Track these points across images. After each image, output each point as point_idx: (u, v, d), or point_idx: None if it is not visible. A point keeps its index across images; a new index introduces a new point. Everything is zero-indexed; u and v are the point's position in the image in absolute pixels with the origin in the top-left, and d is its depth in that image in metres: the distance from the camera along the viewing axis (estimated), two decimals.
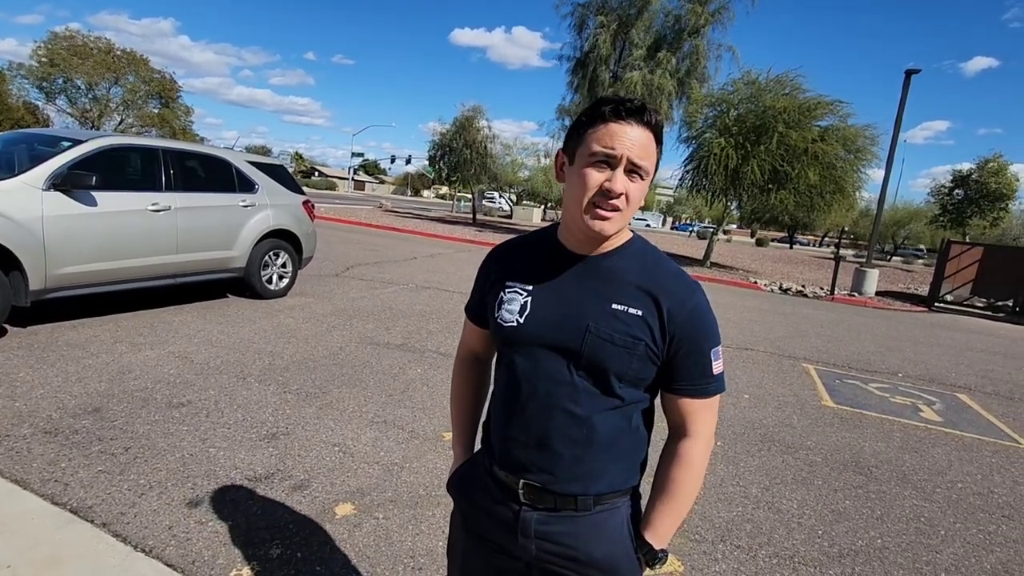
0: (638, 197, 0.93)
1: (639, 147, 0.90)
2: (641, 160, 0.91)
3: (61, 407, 3.04)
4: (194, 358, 4.04)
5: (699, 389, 0.99)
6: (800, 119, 14.26)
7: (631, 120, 0.90)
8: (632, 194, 0.92)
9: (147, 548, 2.02)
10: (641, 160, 0.91)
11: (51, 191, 4.16)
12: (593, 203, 0.93)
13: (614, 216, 0.93)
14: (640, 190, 0.93)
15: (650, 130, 0.92)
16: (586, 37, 19.93)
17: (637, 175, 0.92)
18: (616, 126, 0.90)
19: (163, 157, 5.07)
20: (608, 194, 0.91)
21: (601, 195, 0.92)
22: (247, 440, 2.91)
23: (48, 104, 40.56)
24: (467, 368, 1.26)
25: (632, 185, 0.92)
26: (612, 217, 0.93)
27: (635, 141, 0.90)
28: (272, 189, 6.17)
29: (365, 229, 17.18)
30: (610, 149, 0.90)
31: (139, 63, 41.65)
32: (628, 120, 0.90)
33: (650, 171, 0.93)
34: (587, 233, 0.96)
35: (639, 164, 0.91)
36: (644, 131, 0.91)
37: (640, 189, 0.93)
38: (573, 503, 1.01)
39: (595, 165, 0.92)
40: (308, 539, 2.18)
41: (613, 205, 0.92)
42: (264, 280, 6.09)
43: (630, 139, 0.90)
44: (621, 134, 0.90)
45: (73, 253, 4.27)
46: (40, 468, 2.45)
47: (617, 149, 0.90)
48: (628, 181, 0.92)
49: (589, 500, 1.01)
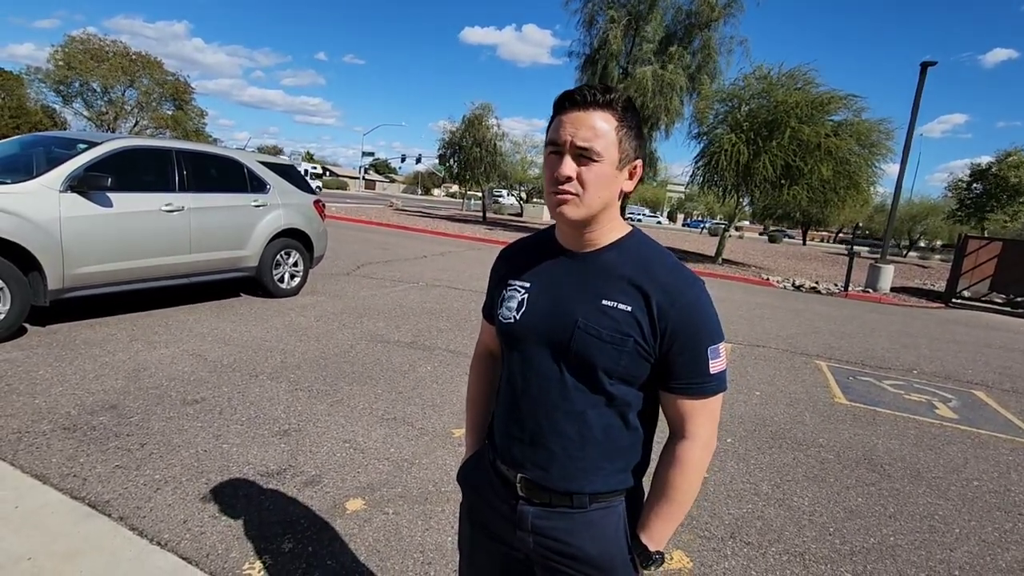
0: (595, 179, 0.93)
1: (583, 130, 0.91)
2: (586, 142, 0.90)
3: (79, 404, 3.10)
4: (208, 356, 4.10)
5: (695, 388, 0.97)
6: (813, 114, 14.08)
7: (576, 108, 0.92)
8: (585, 177, 0.92)
9: (163, 541, 2.06)
10: (586, 142, 0.90)
11: (68, 192, 4.24)
12: (551, 191, 0.95)
13: (570, 199, 0.93)
14: (595, 173, 0.93)
15: (603, 110, 0.92)
16: (595, 33, 19.85)
17: (586, 158, 0.91)
18: (563, 116, 0.93)
19: (176, 158, 5.14)
20: (558, 180, 0.93)
21: (554, 183, 0.94)
22: (259, 436, 2.96)
23: (65, 107, 41.22)
24: (482, 365, 1.28)
25: (583, 169, 0.92)
26: (568, 199, 0.93)
27: (578, 125, 0.91)
28: (283, 189, 6.23)
29: (376, 228, 17.28)
30: (555, 137, 0.93)
31: (153, 66, 42.16)
32: (573, 108, 0.92)
33: (602, 151, 0.91)
34: (558, 221, 0.99)
35: (583, 147, 0.91)
36: (592, 113, 0.91)
37: (595, 172, 0.92)
38: (568, 500, 1.02)
39: (550, 157, 0.95)
40: (319, 534, 2.21)
41: (564, 190, 0.93)
42: (276, 279, 6.16)
43: (573, 125, 0.91)
44: (566, 122, 0.92)
45: (90, 253, 4.35)
46: (59, 463, 2.50)
47: (561, 136, 0.92)
48: (578, 166, 0.92)
49: (584, 498, 1.01)
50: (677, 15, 19.35)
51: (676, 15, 19.37)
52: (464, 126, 24.98)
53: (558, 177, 0.92)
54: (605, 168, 0.93)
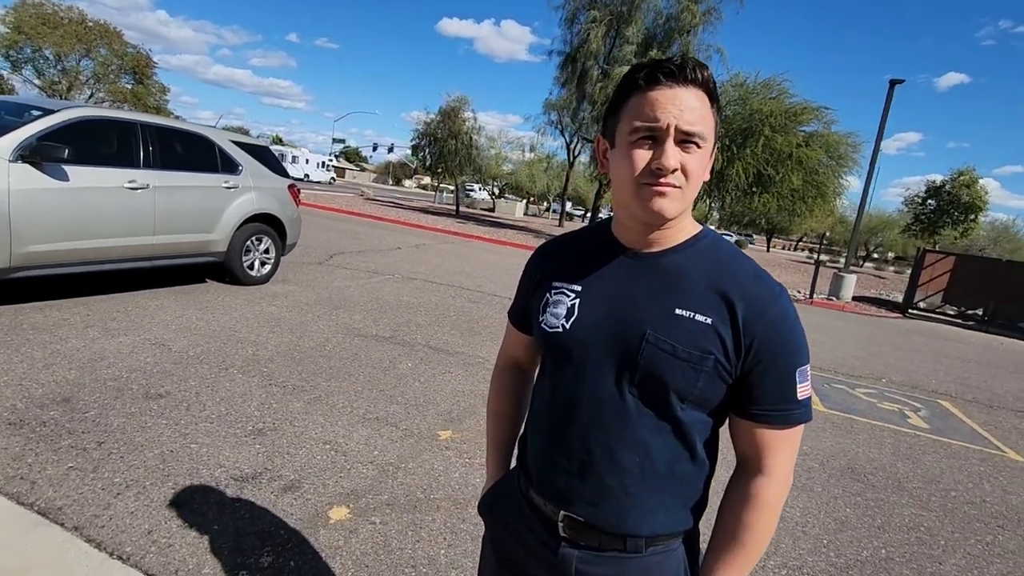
0: (698, 169, 0.80)
1: (688, 110, 0.77)
2: (693, 126, 0.77)
3: (27, 396, 2.81)
4: (172, 346, 3.82)
5: (779, 416, 0.84)
6: (786, 123, 14.40)
7: (672, 82, 0.77)
8: (690, 167, 0.79)
9: (124, 555, 1.85)
10: (693, 126, 0.77)
11: (18, 163, 3.87)
12: (644, 183, 0.80)
13: (672, 192, 0.80)
14: (699, 161, 0.80)
15: (699, 88, 0.78)
16: (577, 31, 19.81)
17: (692, 144, 0.78)
18: (655, 93, 0.77)
19: (142, 132, 4.78)
20: (659, 173, 0.78)
21: (651, 175, 0.79)
22: (232, 436, 2.74)
23: (14, 74, 38.78)
24: (507, 379, 1.13)
25: (688, 156, 0.79)
26: (669, 193, 0.79)
27: (682, 104, 0.77)
28: (256, 171, 5.91)
29: (347, 217, 16.82)
30: (652, 121, 0.77)
31: (112, 36, 40.09)
32: (668, 83, 0.77)
33: (707, 136, 0.79)
34: (643, 219, 0.84)
35: (691, 131, 0.77)
36: (692, 90, 0.78)
37: (699, 160, 0.80)
38: (621, 543, 0.88)
39: (639, 143, 0.79)
40: (301, 546, 2.03)
41: (667, 183, 0.79)
42: (246, 266, 5.84)
43: (675, 104, 0.76)
44: (663, 100, 0.77)
45: (42, 230, 3.99)
46: (4, 464, 2.24)
47: (661, 119, 0.77)
48: (682, 153, 0.78)
49: (640, 541, 0.87)
50: (658, 19, 19.47)
51: (657, 19, 19.48)
52: (440, 118, 24.58)
53: (660, 168, 0.77)
54: (707, 155, 0.81)
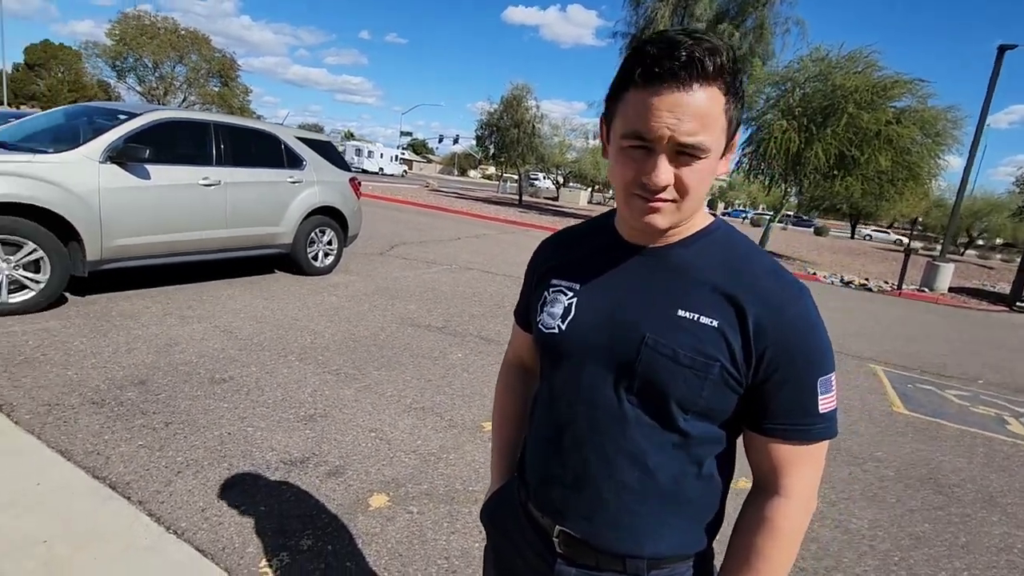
0: (698, 182, 0.70)
1: (688, 119, 0.65)
2: (692, 137, 0.66)
3: (109, 378, 3.08)
4: (239, 333, 4.06)
5: (797, 431, 0.75)
6: (873, 99, 13.21)
7: (674, 84, 0.65)
8: (687, 181, 0.69)
9: (179, 530, 1.98)
10: (692, 137, 0.66)
11: (107, 163, 4.22)
12: (635, 194, 0.71)
13: (664, 207, 0.71)
14: (700, 174, 0.69)
15: (710, 84, 0.66)
16: (643, 12, 19.12)
17: (691, 156, 0.68)
18: (652, 97, 0.66)
19: (215, 132, 5.10)
20: (647, 187, 0.69)
21: (641, 187, 0.70)
22: (285, 421, 2.87)
23: (119, 82, 42.54)
24: (512, 377, 1.08)
25: (686, 169, 0.68)
26: (662, 208, 0.71)
27: (682, 112, 0.65)
28: (319, 166, 6.15)
29: (411, 208, 17.25)
30: (644, 131, 0.67)
31: (201, 42, 43.03)
32: (669, 84, 0.65)
33: (712, 146, 0.68)
34: (636, 227, 0.77)
35: (690, 143, 0.66)
36: (698, 91, 0.65)
37: (700, 173, 0.69)
38: (620, 565, 0.81)
39: (629, 150, 0.70)
40: (340, 531, 2.09)
41: (660, 198, 0.70)
42: (310, 257, 6.11)
43: (673, 112, 0.65)
44: (660, 107, 0.65)
45: (127, 225, 4.35)
46: (84, 439, 2.46)
47: (653, 129, 0.66)
48: (678, 166, 0.68)
49: (641, 564, 0.80)
50: None
51: None
52: (502, 107, 24.65)
53: (651, 185, 0.69)
54: (711, 163, 0.70)
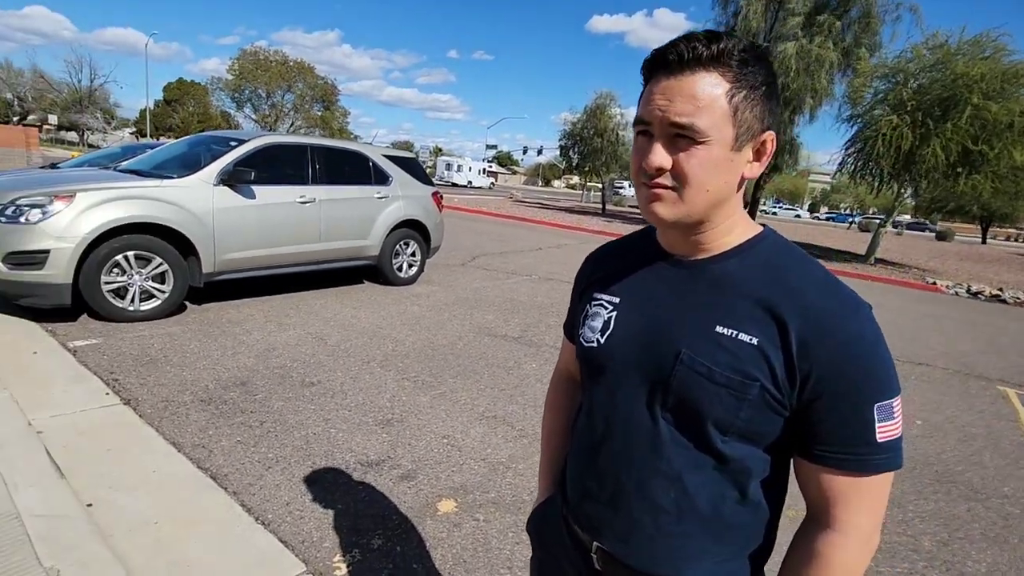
0: (699, 168, 0.68)
1: (680, 100, 0.67)
2: (682, 117, 0.66)
3: (217, 379, 3.42)
4: (328, 340, 4.35)
5: (851, 460, 0.69)
6: (1004, 87, 11.74)
7: (668, 72, 0.68)
8: (685, 166, 0.68)
9: (266, 521, 2.15)
10: (682, 117, 0.66)
11: (220, 186, 4.72)
12: (641, 183, 0.72)
13: (663, 194, 0.70)
14: (699, 161, 0.68)
15: (708, 68, 0.67)
16: (732, 11, 18.32)
17: (686, 138, 0.67)
18: (652, 84, 0.70)
19: (311, 153, 5.54)
20: (645, 172, 0.70)
21: (644, 175, 0.71)
22: (364, 424, 3.03)
23: (238, 112, 47.39)
24: (560, 390, 1.08)
25: (682, 155, 0.68)
26: (661, 195, 0.70)
27: (673, 94, 0.67)
28: (404, 181, 6.47)
29: (494, 219, 17.60)
30: (640, 115, 0.71)
31: (307, 71, 46.89)
32: (665, 72, 0.69)
33: (708, 129, 0.67)
34: (647, 220, 0.76)
35: (680, 123, 0.67)
36: (692, 76, 0.67)
37: (700, 160, 0.68)
38: None
39: (638, 138, 0.72)
40: (409, 533, 2.17)
41: (656, 183, 0.70)
42: (395, 268, 6.42)
43: (665, 95, 0.68)
44: (656, 92, 0.69)
45: (236, 241, 4.82)
46: (193, 434, 2.75)
47: (648, 114, 0.69)
48: (673, 150, 0.68)
49: None
50: None
51: None
52: (585, 117, 24.59)
53: (647, 167, 0.69)
54: (714, 151, 0.68)
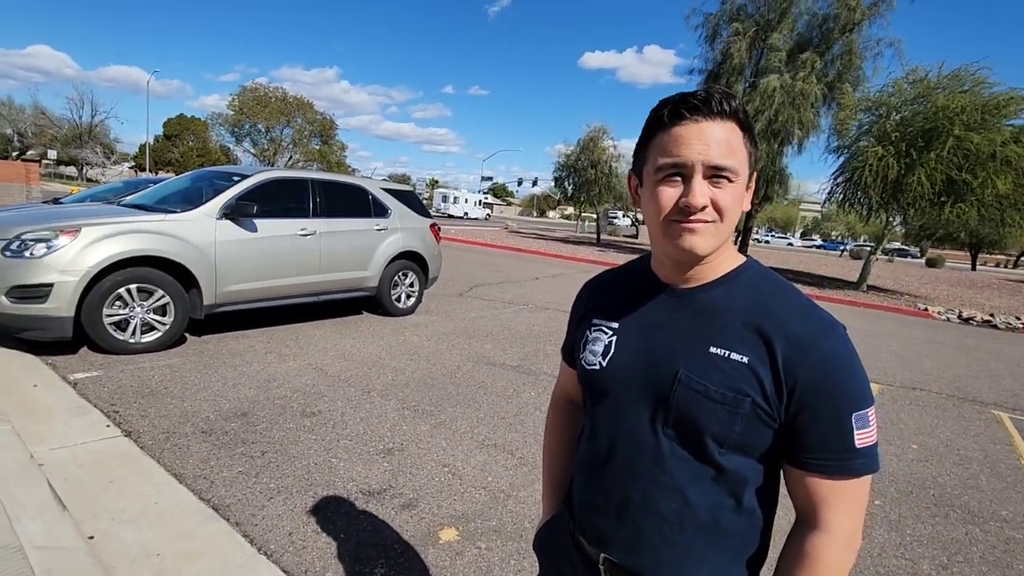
0: (732, 204, 0.77)
1: (716, 144, 0.74)
2: (723, 159, 0.74)
3: (217, 410, 3.43)
4: (328, 370, 4.37)
5: (832, 465, 0.76)
6: (985, 119, 12.13)
7: (697, 116, 0.75)
8: (722, 202, 0.76)
9: (268, 552, 2.15)
10: (723, 159, 0.74)
11: (222, 220, 4.81)
12: (674, 220, 0.78)
13: (704, 228, 0.77)
14: (732, 196, 0.76)
15: (729, 120, 0.76)
16: (719, 47, 18.97)
17: (723, 179, 0.76)
18: (680, 129, 0.76)
19: (311, 187, 5.66)
20: (687, 211, 0.76)
21: (680, 212, 0.77)
22: (365, 453, 3.04)
23: (237, 146, 48.11)
24: (560, 412, 1.14)
25: (719, 192, 0.76)
26: (701, 229, 0.77)
27: (709, 139, 0.74)
28: (403, 214, 6.59)
29: (490, 250, 17.76)
30: (678, 158, 0.75)
31: (306, 107, 47.84)
32: (694, 117, 0.75)
33: (740, 170, 0.76)
34: (676, 257, 0.82)
35: (721, 165, 0.74)
36: (720, 123, 0.75)
37: (732, 195, 0.76)
38: None
39: (666, 181, 0.77)
40: (411, 562, 2.17)
41: (699, 219, 0.76)
42: (394, 299, 6.48)
43: (701, 139, 0.74)
44: (688, 137, 0.75)
45: (237, 273, 4.88)
46: (194, 464, 2.75)
47: (684, 155, 0.75)
48: (712, 188, 0.76)
49: None
50: (812, 21, 17.86)
51: (811, 21, 17.88)
52: (579, 149, 25.13)
53: (689, 206, 0.75)
54: (740, 188, 0.77)
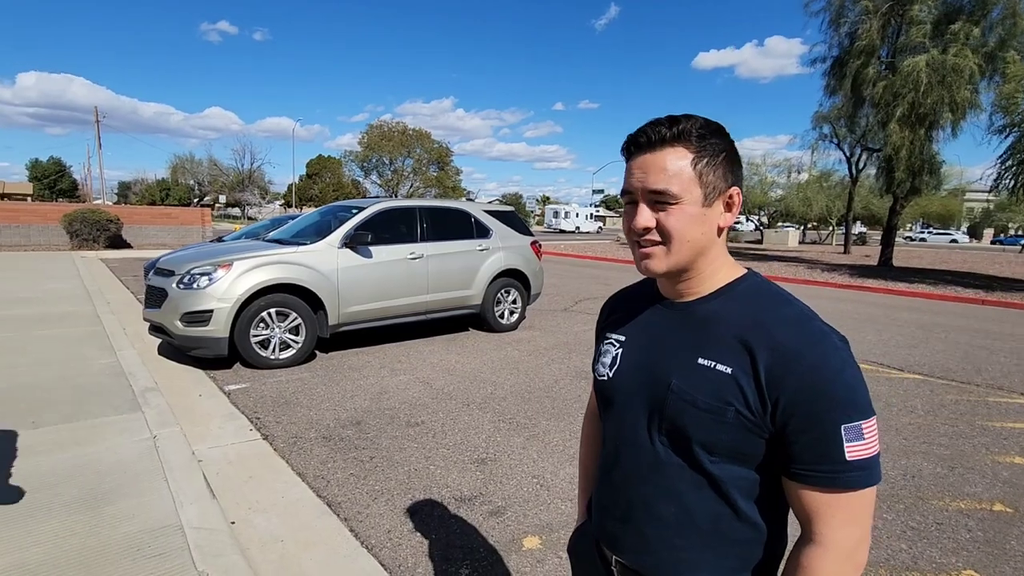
0: (679, 224, 0.82)
1: (654, 172, 0.82)
2: (658, 185, 0.81)
3: (336, 418, 3.86)
4: (433, 384, 4.70)
5: (821, 477, 0.76)
6: None
7: (642, 151, 0.84)
8: (667, 224, 0.82)
9: (369, 546, 2.40)
10: (658, 185, 0.81)
11: (343, 248, 5.41)
12: (634, 242, 0.87)
13: (653, 251, 0.85)
14: (678, 218, 0.82)
15: (673, 145, 0.82)
16: (845, 30, 17.27)
17: (664, 203, 0.82)
18: (631, 162, 0.86)
19: (419, 214, 6.15)
20: (635, 232, 0.85)
21: (634, 234, 0.86)
22: (460, 462, 3.25)
23: (366, 179, 52.86)
24: (591, 423, 1.21)
25: (663, 215, 0.83)
26: (652, 253, 0.85)
27: (647, 168, 0.83)
28: (504, 233, 6.88)
29: (599, 263, 17.66)
30: (626, 186, 0.86)
31: (424, 137, 51.32)
32: (639, 152, 0.85)
33: (680, 193, 0.81)
34: (642, 274, 0.91)
35: (657, 189, 0.82)
36: (661, 152, 0.82)
37: (676, 216, 0.82)
38: None
39: (627, 207, 0.88)
40: (495, 566, 2.30)
41: (647, 241, 0.84)
42: (497, 315, 6.76)
43: (642, 169, 0.84)
44: (634, 168, 0.85)
45: (356, 295, 5.45)
46: (315, 466, 3.14)
47: (629, 183, 0.86)
48: (656, 212, 0.83)
49: None
50: None
51: None
52: None
53: (635, 228, 0.85)
54: (688, 209, 0.82)
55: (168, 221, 19.39)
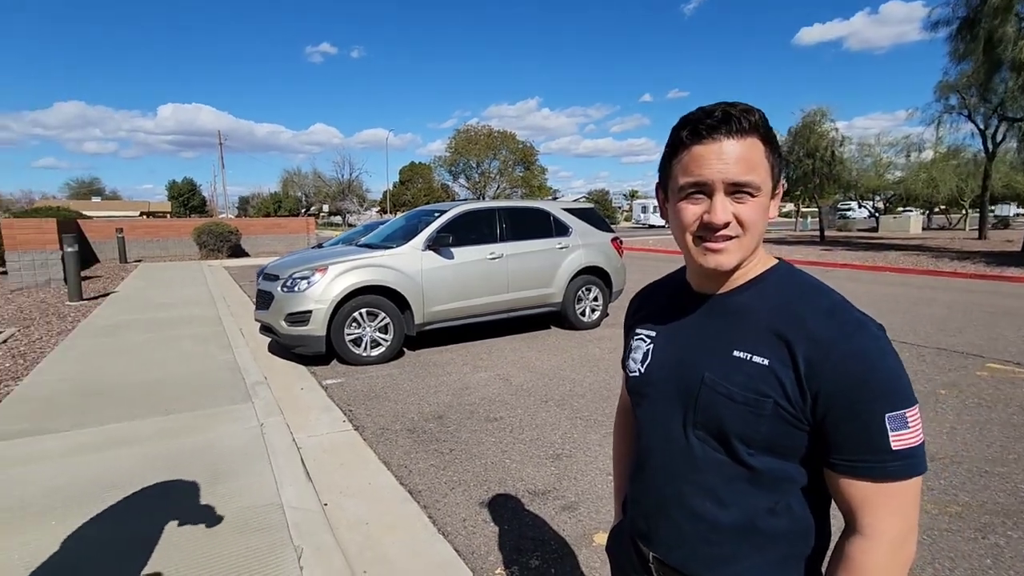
0: (755, 218, 0.78)
1: (735, 162, 0.76)
2: (743, 176, 0.76)
3: (420, 412, 4.06)
4: (513, 380, 4.79)
5: (865, 467, 0.73)
6: None
7: (716, 135, 0.77)
8: (745, 217, 0.78)
9: (445, 532, 2.52)
10: (743, 176, 0.76)
11: (427, 251, 5.67)
12: (698, 237, 0.81)
13: (727, 246, 0.79)
14: (755, 210, 0.78)
15: (749, 135, 0.77)
16: None
17: (745, 194, 0.77)
18: (700, 148, 0.78)
19: (497, 215, 6.29)
20: (711, 227, 0.78)
21: (704, 229, 0.80)
22: (535, 457, 3.30)
23: (454, 183, 54.58)
24: (623, 420, 1.20)
25: (742, 207, 0.78)
26: (725, 247, 0.79)
27: (728, 157, 0.76)
28: (583, 231, 6.84)
29: None
30: (698, 177, 0.78)
31: (509, 139, 52.03)
32: (712, 136, 0.77)
33: (761, 184, 0.77)
34: (704, 273, 0.85)
35: (742, 181, 0.76)
36: (739, 140, 0.77)
37: (755, 209, 0.78)
38: None
39: (689, 198, 0.80)
40: (564, 559, 2.32)
41: (723, 236, 0.79)
42: (578, 313, 6.74)
43: (720, 158, 0.76)
44: (708, 155, 0.77)
45: (439, 295, 5.69)
46: (399, 455, 3.34)
47: (705, 175, 0.77)
48: (734, 204, 0.78)
49: None
50: None
51: None
52: (791, 139, 22.49)
53: (712, 223, 0.78)
54: (763, 200, 0.80)
55: (279, 230, 21.29)
